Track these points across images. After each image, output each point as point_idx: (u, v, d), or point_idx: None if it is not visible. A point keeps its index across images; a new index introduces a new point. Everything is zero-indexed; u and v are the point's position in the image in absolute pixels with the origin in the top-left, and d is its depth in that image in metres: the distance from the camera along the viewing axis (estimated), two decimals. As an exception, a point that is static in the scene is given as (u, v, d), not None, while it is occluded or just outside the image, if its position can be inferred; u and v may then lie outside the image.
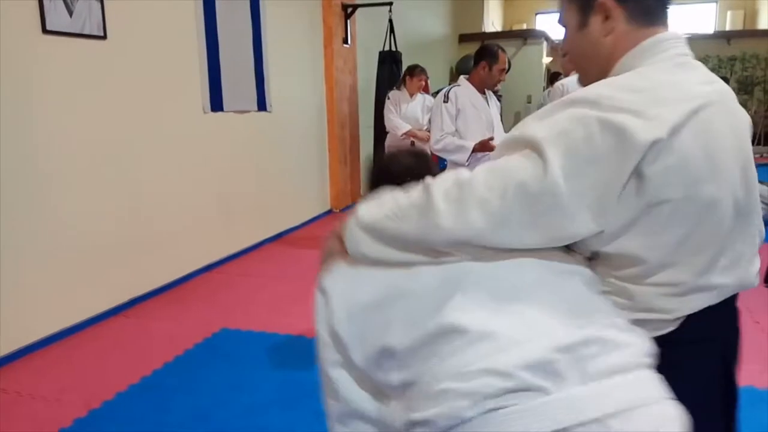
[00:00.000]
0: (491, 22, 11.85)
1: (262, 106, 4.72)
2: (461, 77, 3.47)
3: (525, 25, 12.55)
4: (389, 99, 5.21)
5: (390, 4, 5.96)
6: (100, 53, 3.18)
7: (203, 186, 4.11)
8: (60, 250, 3.03)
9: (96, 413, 2.34)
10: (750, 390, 2.26)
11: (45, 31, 2.86)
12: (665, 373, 0.89)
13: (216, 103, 4.16)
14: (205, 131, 4.09)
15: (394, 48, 6.19)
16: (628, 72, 0.96)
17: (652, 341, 0.93)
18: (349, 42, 5.99)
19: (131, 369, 2.69)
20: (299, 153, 5.48)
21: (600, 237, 0.91)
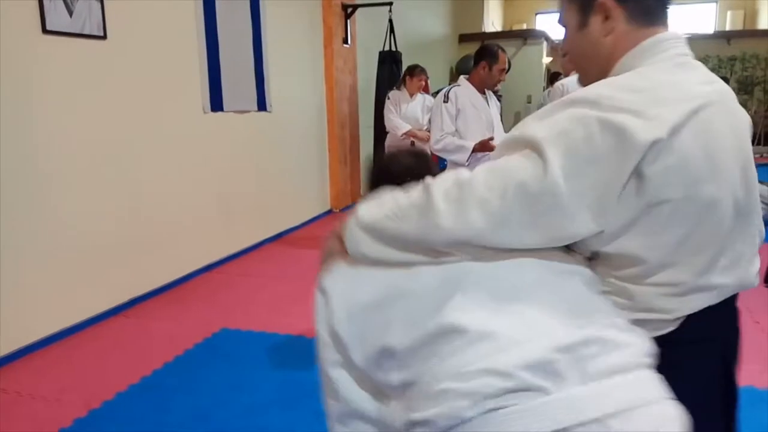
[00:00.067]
0: (491, 22, 11.85)
1: (262, 106, 4.72)
2: (461, 77, 3.46)
3: (525, 25, 12.55)
4: (389, 99, 5.21)
5: (390, 4, 5.96)
6: (100, 53, 3.18)
7: (203, 186, 4.11)
8: (60, 250, 3.03)
9: (96, 413, 2.34)
10: (750, 390, 2.26)
11: (45, 31, 2.86)
12: (665, 373, 0.89)
13: (216, 103, 4.16)
14: (205, 131, 4.09)
15: (394, 48, 6.19)
16: (628, 72, 0.96)
17: (652, 341, 0.93)
18: (349, 42, 5.99)
19: (131, 369, 2.69)
20: (299, 153, 5.48)
21: (600, 237, 0.91)
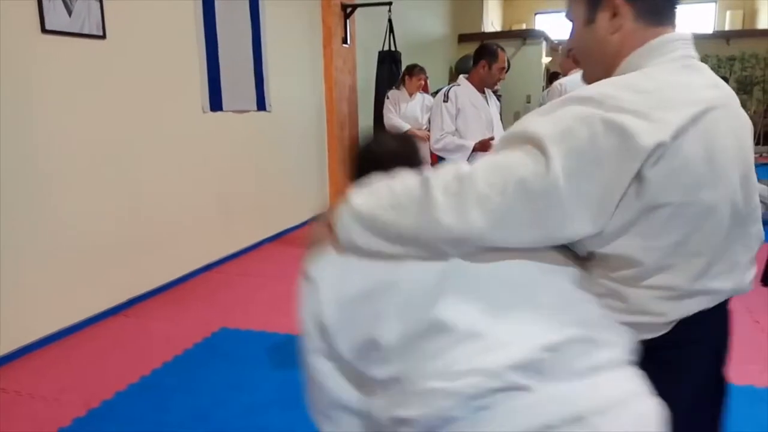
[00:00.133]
0: (491, 22, 11.84)
1: (261, 106, 4.72)
2: (461, 77, 3.46)
3: (524, 25, 12.54)
4: (389, 98, 5.21)
5: (389, 4, 5.95)
6: (99, 53, 3.18)
7: (203, 186, 4.11)
8: (60, 250, 3.03)
9: (95, 413, 2.34)
10: (750, 390, 2.24)
11: (44, 31, 2.86)
12: (657, 375, 0.89)
13: (215, 103, 4.16)
14: (205, 131, 4.08)
15: (393, 48, 6.18)
16: (633, 71, 0.95)
17: (644, 343, 0.93)
18: (349, 42, 5.99)
19: (131, 369, 2.68)
20: (299, 153, 5.47)
21: (597, 237, 0.90)
